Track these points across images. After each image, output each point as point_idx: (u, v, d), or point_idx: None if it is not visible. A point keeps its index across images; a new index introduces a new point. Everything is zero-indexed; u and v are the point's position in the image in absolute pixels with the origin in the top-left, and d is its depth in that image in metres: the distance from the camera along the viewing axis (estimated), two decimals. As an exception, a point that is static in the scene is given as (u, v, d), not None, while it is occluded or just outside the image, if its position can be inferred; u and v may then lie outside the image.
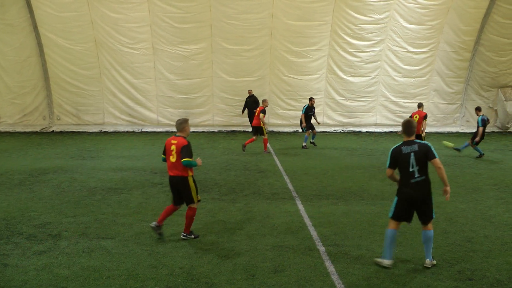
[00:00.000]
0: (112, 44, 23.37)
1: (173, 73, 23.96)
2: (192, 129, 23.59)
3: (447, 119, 25.92)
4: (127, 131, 24.39)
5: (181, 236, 8.21)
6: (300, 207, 10.27)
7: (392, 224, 7.10)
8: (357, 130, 25.28)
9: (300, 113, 20.58)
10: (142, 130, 24.51)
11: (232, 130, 24.72)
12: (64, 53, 23.43)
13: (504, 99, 25.82)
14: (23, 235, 8.31)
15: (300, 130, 20.23)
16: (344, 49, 23.95)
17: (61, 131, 24.41)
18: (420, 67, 24.78)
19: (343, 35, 23.62)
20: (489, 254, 7.61)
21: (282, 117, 24.69)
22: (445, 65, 25.01)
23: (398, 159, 7.01)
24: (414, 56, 24.48)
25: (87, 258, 7.26)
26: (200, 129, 24.44)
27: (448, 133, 25.47)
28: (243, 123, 24.52)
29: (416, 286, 6.41)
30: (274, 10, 22.77)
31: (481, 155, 17.51)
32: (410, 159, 6.93)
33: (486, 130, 25.93)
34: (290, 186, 12.35)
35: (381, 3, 23.11)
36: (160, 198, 11.02)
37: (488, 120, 17.72)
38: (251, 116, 22.57)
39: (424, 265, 7.06)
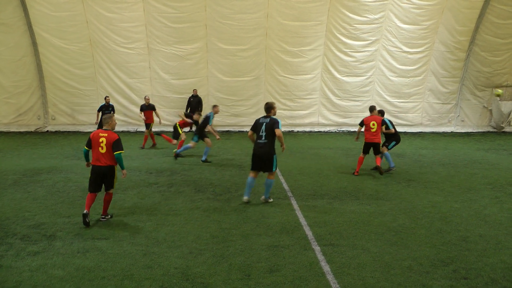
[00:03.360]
0: (107, 43, 23.34)
1: (168, 73, 23.95)
2: (187, 129, 23.72)
3: (442, 118, 26.00)
4: (122, 131, 24.32)
5: (100, 219, 9.16)
6: (295, 206, 10.27)
7: None
8: (352, 130, 25.27)
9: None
10: (137, 130, 24.47)
11: (227, 130, 24.72)
12: (59, 53, 23.38)
13: (498, 99, 25.91)
14: (17, 235, 8.27)
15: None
16: (339, 49, 24.00)
17: (56, 131, 24.35)
18: (415, 67, 24.84)
19: (338, 35, 23.67)
20: (484, 253, 7.62)
21: (276, 117, 24.61)
22: (440, 65, 25.08)
23: None
24: (409, 56, 24.54)
25: (82, 259, 7.23)
26: (195, 129, 24.39)
27: (443, 132, 25.55)
28: (238, 123, 24.57)
29: (411, 285, 6.41)
30: (269, 10, 22.80)
31: (390, 168, 14.47)
32: None
33: (481, 130, 26.24)
34: (285, 186, 12.35)
35: (376, 3, 23.15)
36: (155, 198, 10.99)
37: None
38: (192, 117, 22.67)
39: None
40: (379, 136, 13.79)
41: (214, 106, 16.61)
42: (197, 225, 8.91)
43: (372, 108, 14.29)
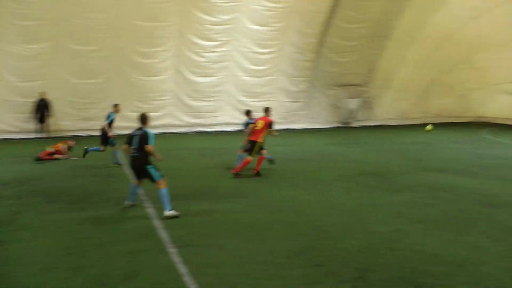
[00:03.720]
0: None
1: (14, 74, 22.12)
2: (34, 136, 22.14)
3: (293, 116, 26.98)
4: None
5: None
6: (151, 210, 10.04)
7: None
8: (205, 130, 25.36)
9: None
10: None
11: (78, 134, 23.19)
12: None
13: (346, 97, 27.62)
14: None
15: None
16: (192, 50, 23.90)
17: None
18: (266, 67, 25.49)
19: (190, 35, 23.55)
20: (336, 240, 8.07)
21: (130, 119, 23.69)
22: (290, 65, 26.02)
23: None
24: (260, 56, 25.14)
25: None
26: (44, 134, 22.79)
27: (295, 129, 26.38)
28: (89, 127, 23.32)
29: (268, 278, 6.56)
30: (120, 9, 21.97)
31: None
32: None
33: (330, 126, 27.76)
34: (140, 189, 12.02)
35: (228, 4, 23.37)
36: (1, 212, 10.12)
37: None
38: (42, 120, 21.96)
39: None
40: (259, 135, 13.69)
41: (115, 105, 16.24)
42: (48, 238, 8.35)
43: (265, 109, 14.40)
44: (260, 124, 13.78)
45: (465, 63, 28.59)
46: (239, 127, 24.84)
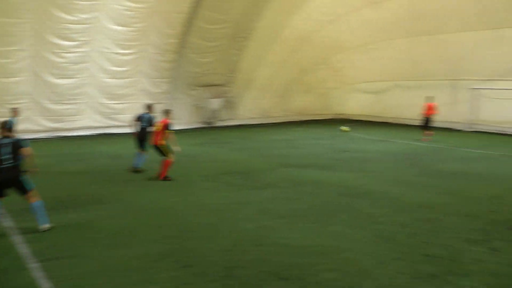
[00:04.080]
0: None
1: None
2: None
3: (155, 118, 26.51)
4: None
5: None
6: (9, 223, 9.25)
7: None
8: (66, 134, 24.00)
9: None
10: None
11: None
12: None
13: (208, 97, 27.78)
14: None
15: None
16: (50, 50, 22.44)
17: None
18: (127, 68, 24.78)
19: (47, 35, 22.06)
20: (203, 240, 8.07)
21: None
22: (151, 66, 25.59)
23: None
24: (121, 57, 24.39)
25: None
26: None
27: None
28: None
29: (135, 284, 6.37)
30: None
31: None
32: None
33: (193, 126, 27.74)
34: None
35: (88, 2, 22.21)
36: None
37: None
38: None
39: None
40: (158, 138, 13.34)
41: (14, 109, 15.17)
42: None
43: (165, 111, 14.01)
44: (158, 126, 13.62)
45: (324, 64, 30.30)
46: (101, 131, 24.18)
